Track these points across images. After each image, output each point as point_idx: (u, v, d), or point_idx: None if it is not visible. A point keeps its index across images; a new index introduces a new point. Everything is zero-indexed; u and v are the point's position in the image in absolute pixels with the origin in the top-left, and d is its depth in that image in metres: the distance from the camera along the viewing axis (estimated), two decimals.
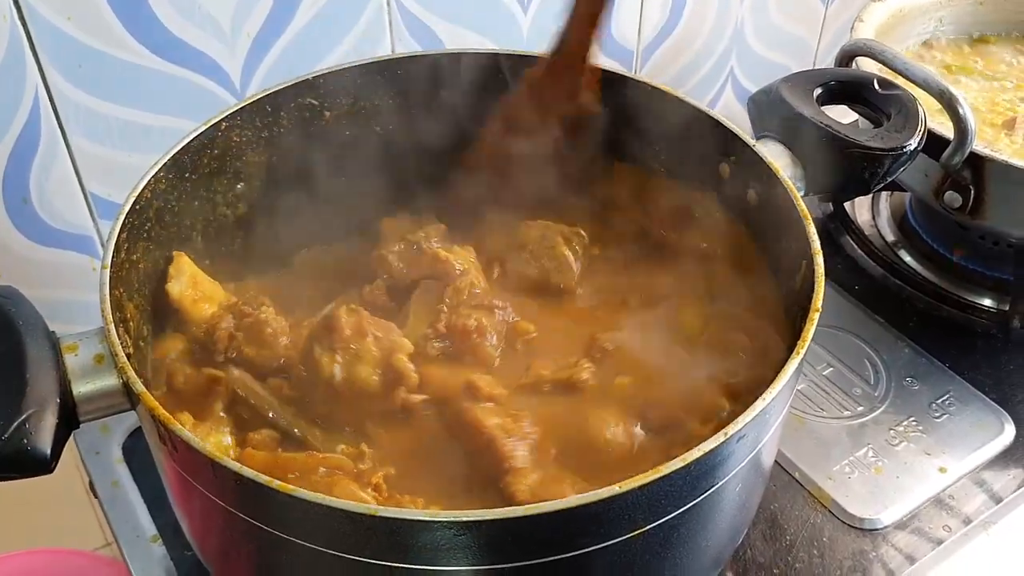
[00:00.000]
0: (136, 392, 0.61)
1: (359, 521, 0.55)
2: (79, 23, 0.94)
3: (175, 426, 0.59)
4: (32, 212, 1.02)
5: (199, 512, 0.68)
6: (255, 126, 0.89)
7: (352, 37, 1.10)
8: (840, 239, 1.27)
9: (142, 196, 0.77)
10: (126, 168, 1.04)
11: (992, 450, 1.00)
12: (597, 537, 0.59)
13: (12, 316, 0.64)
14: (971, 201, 1.06)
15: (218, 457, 0.57)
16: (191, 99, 1.04)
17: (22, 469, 0.59)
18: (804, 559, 0.91)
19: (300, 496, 0.55)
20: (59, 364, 0.64)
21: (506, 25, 1.22)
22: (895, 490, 0.96)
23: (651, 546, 0.62)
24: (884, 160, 0.84)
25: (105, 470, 0.98)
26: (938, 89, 0.99)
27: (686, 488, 0.60)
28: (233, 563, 0.71)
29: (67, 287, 1.09)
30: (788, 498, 0.96)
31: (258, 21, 1.04)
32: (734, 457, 0.63)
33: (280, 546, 0.60)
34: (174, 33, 0.99)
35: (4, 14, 0.89)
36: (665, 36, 1.38)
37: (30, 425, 0.60)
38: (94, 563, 1.07)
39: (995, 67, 1.29)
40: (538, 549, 0.58)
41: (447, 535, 0.56)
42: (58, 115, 0.98)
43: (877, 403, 1.04)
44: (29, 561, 1.05)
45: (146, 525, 0.93)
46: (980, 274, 1.19)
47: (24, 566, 1.04)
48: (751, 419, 0.60)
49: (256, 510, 0.59)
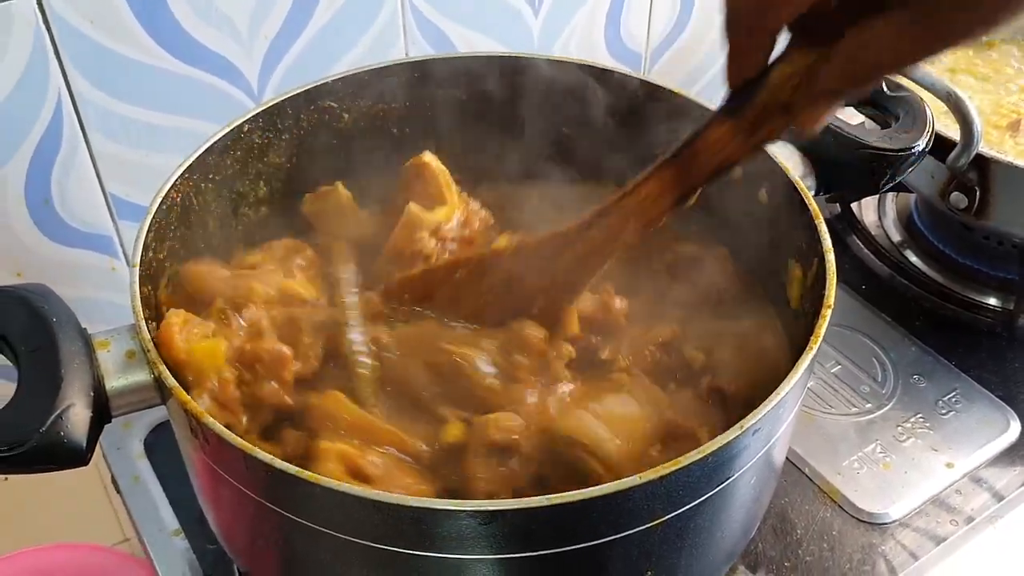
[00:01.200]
0: (168, 387, 0.63)
1: (387, 511, 0.57)
2: (101, 27, 0.95)
3: (207, 419, 0.60)
4: (53, 212, 1.03)
5: (228, 504, 0.69)
6: (276, 128, 0.90)
7: (367, 40, 1.12)
8: (847, 239, 1.29)
9: (168, 196, 0.79)
10: (145, 169, 1.05)
11: (998, 446, 1.02)
12: (618, 527, 0.60)
13: (46, 313, 0.66)
14: (976, 202, 1.07)
15: (250, 449, 0.58)
16: (209, 101, 1.05)
17: (59, 461, 0.61)
18: (814, 552, 0.93)
19: (330, 486, 0.57)
20: (92, 360, 0.66)
21: (517, 28, 1.23)
22: (903, 485, 0.98)
23: (669, 537, 0.64)
24: (892, 161, 0.86)
25: (127, 465, 1.00)
26: (945, 91, 1.00)
27: (703, 480, 0.62)
28: (260, 554, 0.72)
29: (87, 286, 1.11)
30: (798, 493, 0.98)
31: (275, 24, 1.05)
32: (749, 450, 0.64)
33: (309, 536, 0.62)
34: (193, 36, 1.01)
35: (28, 19, 0.91)
36: (674, 38, 1.39)
37: (66, 419, 0.61)
38: (113, 559, 1.08)
39: (1000, 70, 1.31)
40: (561, 538, 0.60)
41: (472, 524, 0.57)
42: (80, 117, 0.99)
43: (885, 400, 1.06)
44: (50, 557, 1.06)
45: (168, 519, 0.95)
46: (985, 274, 1.21)
47: (44, 562, 1.06)
48: (766, 413, 0.62)
49: (286, 501, 0.61)
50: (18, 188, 1.00)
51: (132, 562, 1.07)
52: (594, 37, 1.32)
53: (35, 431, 0.60)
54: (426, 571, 0.61)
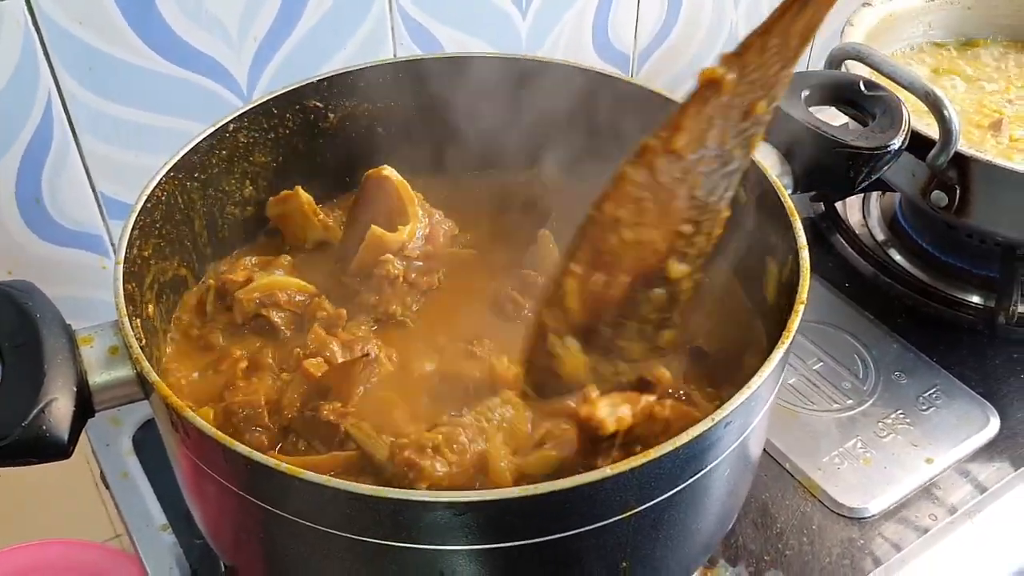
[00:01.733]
0: (150, 381, 0.64)
1: (364, 502, 0.58)
2: (90, 27, 0.97)
3: (187, 413, 0.62)
4: (44, 211, 1.05)
5: (211, 498, 0.70)
6: (262, 128, 0.91)
7: (355, 41, 1.13)
8: (831, 238, 1.30)
9: (153, 195, 0.80)
10: (135, 169, 1.07)
11: (977, 442, 1.03)
12: (591, 518, 0.61)
13: (30, 309, 0.67)
14: (957, 200, 1.09)
15: (229, 442, 0.60)
16: (198, 101, 1.07)
17: (41, 454, 0.62)
18: (794, 546, 0.94)
19: (308, 479, 0.58)
20: (75, 355, 0.67)
21: (504, 30, 1.24)
22: (883, 480, 0.99)
23: (643, 528, 0.65)
24: (869, 159, 0.87)
25: (116, 462, 1.01)
26: (923, 91, 1.02)
27: (675, 471, 0.63)
28: (244, 547, 0.73)
29: (77, 284, 1.12)
30: (779, 488, 0.99)
31: (264, 26, 1.07)
32: (722, 442, 0.65)
33: (289, 529, 0.63)
34: (182, 38, 1.02)
35: (18, 19, 0.92)
36: (661, 40, 1.41)
37: (48, 412, 0.63)
38: (105, 555, 1.09)
39: (982, 70, 1.32)
40: (535, 528, 0.61)
41: (447, 515, 0.59)
42: (69, 117, 1.00)
43: (866, 397, 1.07)
44: (42, 552, 1.07)
45: (156, 515, 0.96)
46: (968, 272, 1.22)
47: (37, 557, 1.07)
48: (738, 405, 0.63)
49: (266, 493, 0.62)
50: (9, 187, 1.01)
51: (123, 558, 1.08)
52: (582, 39, 1.33)
53: (17, 425, 0.61)
54: (404, 563, 0.63)
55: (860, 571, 0.92)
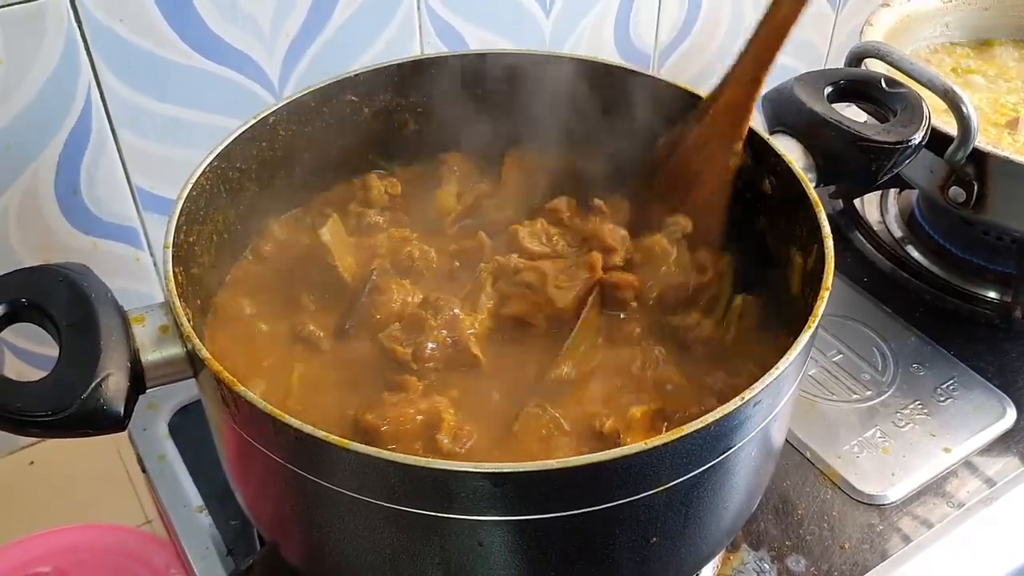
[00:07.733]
0: (201, 358, 0.67)
1: (410, 472, 0.60)
2: (130, 25, 0.99)
3: (238, 387, 0.64)
4: (81, 203, 1.07)
5: (257, 473, 0.73)
6: (299, 121, 0.94)
7: (384, 39, 1.16)
8: (850, 235, 1.32)
9: (198, 183, 0.82)
10: (170, 163, 1.10)
11: (994, 432, 1.05)
12: (625, 490, 0.64)
13: (85, 289, 0.69)
14: (975, 196, 1.11)
15: (279, 415, 0.62)
16: (232, 97, 1.10)
17: (98, 426, 0.65)
18: (814, 532, 0.96)
19: (356, 450, 0.60)
20: (128, 334, 0.69)
21: (529, 28, 1.27)
22: (902, 468, 1.01)
23: (674, 502, 0.68)
24: (891, 153, 0.89)
25: (152, 445, 1.04)
26: (942, 88, 1.04)
27: (707, 448, 0.65)
28: (287, 521, 0.76)
29: (111, 275, 1.13)
30: (799, 476, 1.01)
31: (296, 24, 1.09)
32: (751, 421, 0.68)
33: (335, 500, 0.65)
34: (218, 35, 1.05)
35: (62, 16, 0.95)
36: (682, 39, 1.43)
37: (105, 387, 0.65)
38: (138, 539, 1.11)
39: (999, 70, 1.34)
40: (571, 501, 0.63)
41: (487, 485, 0.61)
42: (108, 111, 1.03)
43: (885, 388, 1.09)
44: (77, 535, 1.09)
45: (192, 496, 0.99)
46: (985, 268, 1.24)
47: (72, 540, 1.09)
48: (767, 385, 0.65)
49: (314, 466, 0.64)
50: (48, 179, 1.04)
51: (155, 542, 1.10)
52: (604, 37, 1.35)
53: (77, 397, 0.63)
54: (445, 532, 0.65)
55: (880, 556, 0.94)
